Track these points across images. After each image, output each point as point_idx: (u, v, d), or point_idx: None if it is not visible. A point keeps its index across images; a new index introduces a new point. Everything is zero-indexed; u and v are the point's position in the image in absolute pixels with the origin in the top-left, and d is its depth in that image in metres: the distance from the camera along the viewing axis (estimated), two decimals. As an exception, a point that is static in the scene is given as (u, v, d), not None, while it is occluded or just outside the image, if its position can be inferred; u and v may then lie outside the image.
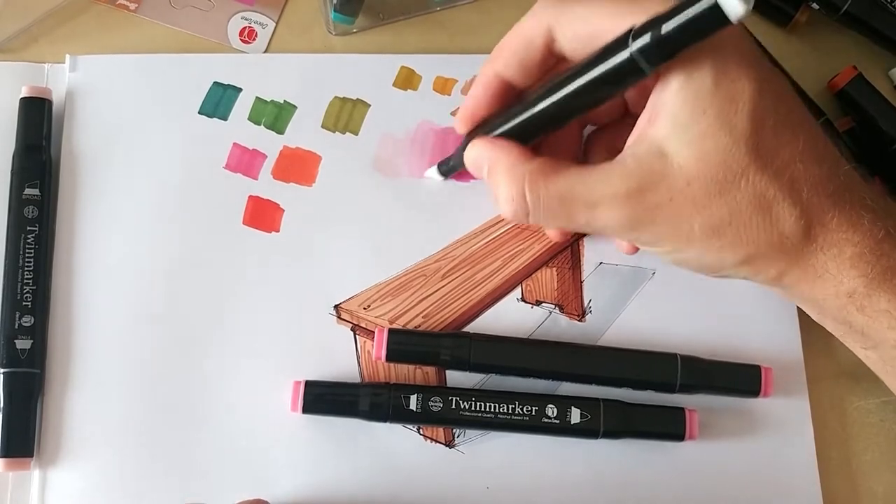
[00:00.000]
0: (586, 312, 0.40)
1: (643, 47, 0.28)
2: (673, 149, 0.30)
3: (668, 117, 0.30)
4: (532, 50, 0.34)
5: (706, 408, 0.38)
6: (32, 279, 0.38)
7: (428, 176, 0.41)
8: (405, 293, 0.40)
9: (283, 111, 0.42)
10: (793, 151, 0.31)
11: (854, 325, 0.33)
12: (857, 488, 0.39)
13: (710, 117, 0.30)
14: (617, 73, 0.30)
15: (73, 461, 0.37)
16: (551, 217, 0.33)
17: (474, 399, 0.37)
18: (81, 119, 0.41)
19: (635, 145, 0.32)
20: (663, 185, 0.31)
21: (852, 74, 0.43)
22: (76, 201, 0.40)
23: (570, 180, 0.32)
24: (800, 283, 0.32)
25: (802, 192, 0.31)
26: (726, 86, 0.30)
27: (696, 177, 0.30)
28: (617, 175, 0.31)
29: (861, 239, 0.31)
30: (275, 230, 0.40)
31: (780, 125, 0.31)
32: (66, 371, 0.38)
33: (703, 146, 0.30)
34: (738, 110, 0.30)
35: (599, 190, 0.31)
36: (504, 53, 0.34)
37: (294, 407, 0.36)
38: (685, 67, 0.30)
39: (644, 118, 0.32)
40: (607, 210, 0.32)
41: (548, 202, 0.32)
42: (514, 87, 0.35)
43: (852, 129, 0.43)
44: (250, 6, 0.45)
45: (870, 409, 0.40)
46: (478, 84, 0.36)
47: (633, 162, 0.31)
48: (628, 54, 0.29)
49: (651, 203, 0.31)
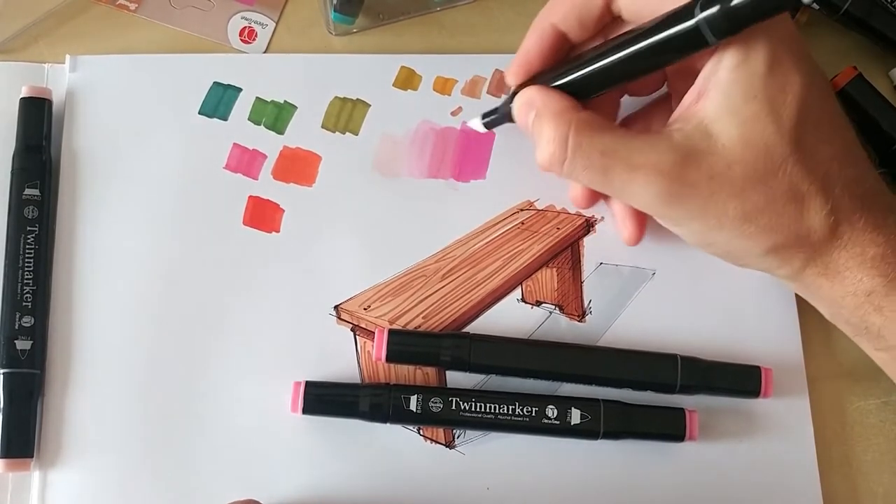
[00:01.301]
0: (586, 313, 0.40)
1: (710, 17, 0.29)
2: (720, 129, 0.31)
3: (719, 96, 0.31)
4: (592, 4, 0.34)
5: (706, 408, 0.38)
6: (32, 279, 0.38)
7: (471, 126, 0.41)
8: (405, 293, 0.40)
9: (283, 111, 0.42)
10: (830, 150, 0.31)
11: (870, 326, 0.33)
12: (857, 488, 0.39)
13: (760, 102, 0.30)
14: (681, 40, 0.30)
15: (74, 462, 0.37)
16: (588, 170, 0.33)
17: (474, 400, 0.37)
18: (81, 119, 0.41)
19: (682, 120, 0.32)
20: (705, 164, 0.31)
21: (852, 75, 0.43)
22: (76, 201, 0.40)
23: (616, 139, 0.32)
24: (819, 279, 0.33)
25: (834, 189, 0.31)
26: (779, 75, 0.30)
27: (739, 160, 0.31)
28: (663, 145, 0.31)
29: (885, 241, 0.32)
30: (275, 230, 0.40)
31: (822, 123, 0.31)
32: (67, 372, 0.38)
33: (749, 130, 0.30)
34: (787, 101, 0.30)
35: (643, 156, 0.32)
36: (563, 5, 0.35)
37: (294, 407, 0.36)
38: (741, 48, 0.30)
39: (693, 94, 0.32)
40: (646, 177, 0.32)
41: (589, 153, 0.32)
42: (567, 41, 0.35)
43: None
44: (250, 6, 0.45)
45: (870, 409, 0.40)
46: (532, 34, 0.36)
47: (680, 136, 0.31)
48: (694, 23, 0.29)
49: (690, 179, 0.31)
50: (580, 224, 0.41)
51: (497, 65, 0.43)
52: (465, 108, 0.43)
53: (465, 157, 0.42)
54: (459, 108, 0.43)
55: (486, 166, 0.42)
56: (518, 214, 0.41)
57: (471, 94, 0.43)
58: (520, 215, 0.41)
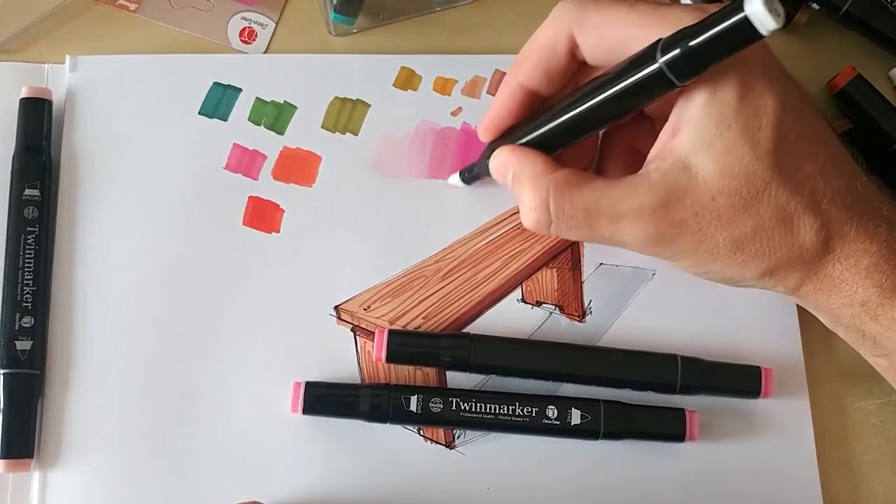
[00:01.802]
0: (586, 313, 0.40)
1: (672, 60, 0.28)
2: (697, 163, 0.30)
3: (692, 131, 0.30)
4: (556, 58, 0.34)
5: (706, 408, 0.38)
6: (32, 280, 0.38)
7: (451, 183, 0.41)
8: (405, 294, 0.40)
9: (283, 111, 0.42)
10: (814, 165, 0.31)
11: (867, 334, 0.33)
12: (857, 489, 0.39)
13: (734, 132, 0.30)
14: (646, 85, 0.29)
15: (74, 462, 0.37)
16: (574, 229, 0.33)
17: (474, 400, 0.37)
18: (81, 119, 0.41)
19: (659, 159, 0.31)
20: (688, 200, 0.31)
21: (852, 75, 0.43)
22: (76, 202, 0.40)
23: (595, 193, 0.32)
24: (816, 294, 0.33)
25: (822, 203, 0.31)
26: (751, 101, 0.30)
27: (721, 191, 0.30)
28: (642, 189, 0.31)
29: (877, 249, 0.31)
30: (275, 230, 0.40)
31: (803, 139, 0.31)
32: (67, 372, 0.38)
33: (727, 161, 0.30)
34: (762, 126, 0.30)
35: (625, 203, 0.31)
36: (527, 62, 0.34)
37: (294, 408, 0.36)
38: (710, 81, 0.30)
39: (667, 131, 0.32)
40: (632, 224, 0.31)
41: (571, 213, 0.32)
42: (538, 96, 0.35)
43: (849, 131, 0.43)
44: (250, 6, 0.45)
45: (870, 409, 0.40)
46: (502, 93, 0.36)
47: (658, 176, 0.31)
48: (657, 67, 0.29)
49: (676, 218, 0.31)
50: (580, 224, 0.41)
51: (497, 65, 0.43)
52: (465, 108, 0.43)
53: (465, 157, 0.42)
54: (459, 109, 0.43)
55: (486, 166, 0.42)
56: (518, 214, 0.41)
57: (471, 94, 0.43)
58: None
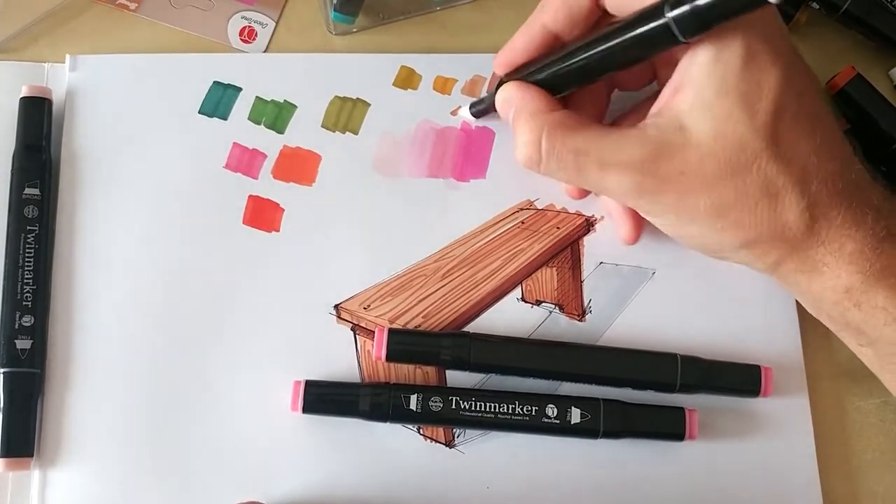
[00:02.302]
0: (586, 312, 0.40)
1: (679, 16, 0.28)
2: (693, 123, 0.31)
3: (693, 91, 0.31)
4: (580, 2, 0.34)
5: (706, 408, 0.38)
6: (32, 279, 0.38)
7: (460, 115, 0.42)
8: (405, 293, 0.40)
9: (283, 111, 0.42)
10: (809, 145, 0.31)
11: (850, 321, 0.33)
12: (857, 488, 0.39)
13: (733, 98, 0.30)
14: (650, 38, 0.30)
15: (73, 461, 0.37)
16: (562, 169, 0.33)
17: (474, 399, 0.37)
18: (81, 119, 0.41)
19: (658, 115, 0.32)
20: (677, 158, 0.31)
21: (852, 74, 0.43)
22: (76, 201, 0.40)
23: (588, 138, 0.33)
24: (796, 274, 0.33)
25: (812, 185, 0.31)
26: (755, 70, 0.30)
27: (710, 155, 0.31)
28: (634, 141, 0.32)
29: (863, 237, 0.31)
30: (275, 230, 0.40)
31: (801, 117, 0.31)
32: (67, 371, 0.38)
33: (722, 126, 0.30)
34: (763, 97, 0.30)
35: (614, 153, 0.32)
36: (552, 4, 0.35)
37: (294, 407, 0.36)
38: (716, 43, 0.30)
39: (669, 88, 0.32)
40: (618, 174, 0.32)
41: (562, 154, 0.33)
42: (558, 39, 0.35)
43: (849, 131, 0.43)
44: (250, 6, 0.45)
45: (870, 409, 0.40)
46: (523, 31, 0.36)
47: (653, 130, 0.31)
48: (664, 21, 0.29)
49: (662, 174, 0.31)
50: (580, 223, 0.41)
51: (497, 64, 0.44)
52: (465, 107, 0.43)
53: (465, 156, 0.42)
54: (459, 108, 0.43)
55: (486, 166, 0.42)
56: (518, 214, 0.41)
57: (471, 93, 0.43)
58: (520, 215, 0.41)
